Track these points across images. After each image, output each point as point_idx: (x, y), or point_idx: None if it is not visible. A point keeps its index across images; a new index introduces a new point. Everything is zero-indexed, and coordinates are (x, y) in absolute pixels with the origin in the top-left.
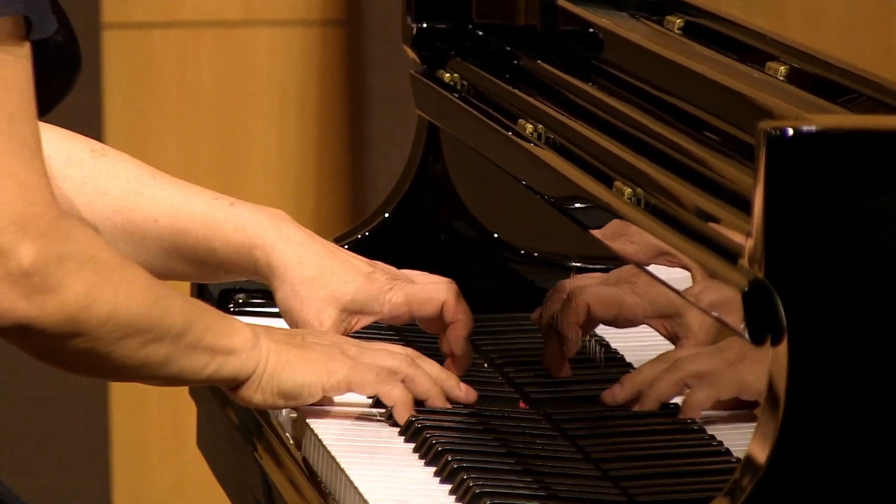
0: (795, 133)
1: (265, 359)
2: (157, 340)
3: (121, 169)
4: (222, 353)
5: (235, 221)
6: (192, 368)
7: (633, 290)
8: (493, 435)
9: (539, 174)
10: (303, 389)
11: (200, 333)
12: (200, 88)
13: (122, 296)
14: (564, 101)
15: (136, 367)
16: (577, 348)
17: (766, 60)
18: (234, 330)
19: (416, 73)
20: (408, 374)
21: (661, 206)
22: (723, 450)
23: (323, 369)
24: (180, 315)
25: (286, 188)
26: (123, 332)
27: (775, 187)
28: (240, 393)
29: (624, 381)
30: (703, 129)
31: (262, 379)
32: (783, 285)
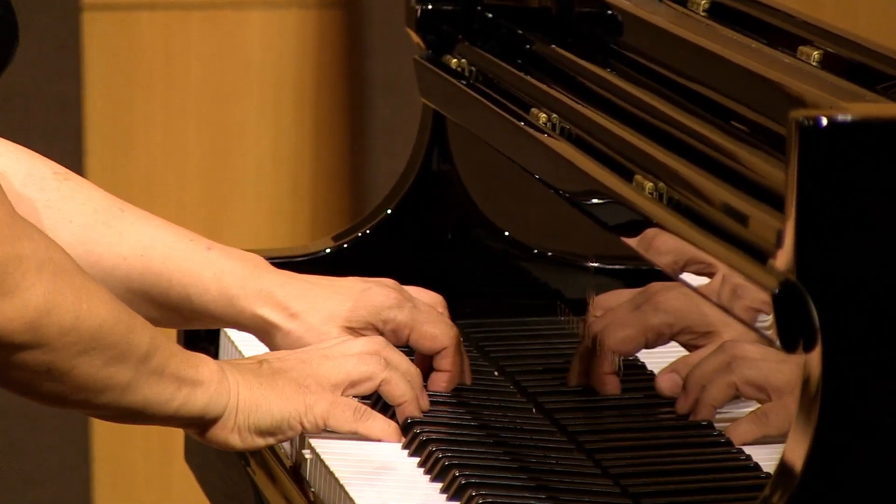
0: (830, 123)
1: (235, 393)
2: (120, 360)
3: (86, 196)
4: (189, 383)
5: (214, 269)
6: (157, 399)
7: (657, 309)
8: (504, 448)
9: (553, 167)
10: (281, 424)
11: (165, 359)
12: (188, 76)
13: (84, 304)
14: (580, 88)
15: (97, 389)
16: (618, 390)
17: (798, 44)
18: (198, 361)
19: (421, 59)
20: (384, 378)
21: (685, 201)
22: (751, 464)
23: (300, 403)
24: (145, 335)
25: (281, 184)
26: (86, 346)
27: (808, 181)
28: (212, 434)
29: (688, 389)
30: (729, 119)
31: (237, 417)
32: (816, 287)
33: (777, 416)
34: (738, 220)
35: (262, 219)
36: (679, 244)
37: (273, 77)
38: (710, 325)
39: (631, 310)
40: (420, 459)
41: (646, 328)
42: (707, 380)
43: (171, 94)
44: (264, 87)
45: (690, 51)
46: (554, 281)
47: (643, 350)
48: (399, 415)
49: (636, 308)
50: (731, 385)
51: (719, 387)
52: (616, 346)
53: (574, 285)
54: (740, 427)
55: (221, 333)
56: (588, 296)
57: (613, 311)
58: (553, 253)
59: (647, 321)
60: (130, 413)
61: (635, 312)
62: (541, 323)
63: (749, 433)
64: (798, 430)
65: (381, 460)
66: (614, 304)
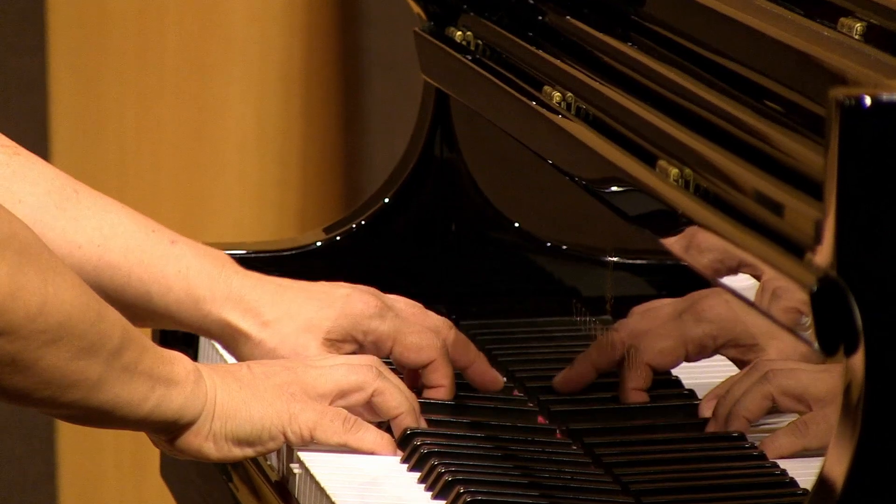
0: (874, 102)
1: (213, 397)
2: (90, 353)
3: (38, 174)
4: (163, 383)
5: (179, 265)
6: (128, 398)
7: (699, 318)
8: (514, 462)
9: (568, 152)
10: (262, 434)
11: (138, 354)
12: (164, 51)
13: (51, 287)
14: (598, 64)
15: (65, 384)
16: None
17: (838, 16)
18: (173, 358)
19: (422, 32)
20: (376, 388)
21: (713, 189)
22: (786, 480)
23: (283, 411)
24: (116, 327)
25: (267, 169)
26: (54, 335)
27: (850, 166)
28: (185, 441)
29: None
30: (763, 98)
31: (213, 423)
32: (859, 283)
33: (817, 427)
34: (771, 210)
35: (245, 208)
36: (706, 237)
37: (258, 52)
38: (757, 338)
39: (670, 319)
40: (420, 475)
41: (686, 340)
42: (742, 391)
43: (145, 70)
44: (248, 62)
45: (719, 22)
46: (569, 277)
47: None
48: (395, 428)
49: (676, 317)
50: (767, 396)
51: (754, 397)
52: (653, 359)
53: (591, 282)
54: (777, 440)
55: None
56: (606, 294)
57: (651, 319)
58: (568, 246)
59: (688, 332)
60: (98, 414)
61: (675, 322)
62: (554, 323)
63: (787, 446)
64: (838, 443)
65: (377, 475)
66: (653, 311)
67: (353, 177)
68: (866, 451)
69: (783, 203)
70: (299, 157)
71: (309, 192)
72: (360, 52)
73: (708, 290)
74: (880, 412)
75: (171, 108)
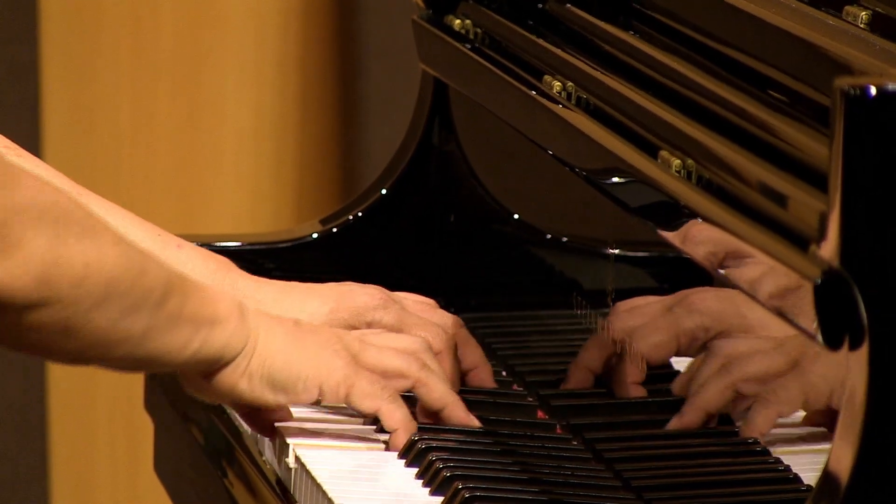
0: (879, 92)
1: (255, 336)
2: (136, 309)
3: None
4: (207, 323)
5: (184, 269)
6: (173, 344)
7: (691, 310)
8: (513, 458)
9: (569, 142)
10: (297, 383)
11: (181, 301)
12: (159, 39)
13: (93, 250)
14: (599, 53)
15: (114, 342)
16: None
17: (843, 4)
18: (216, 297)
19: (420, 20)
20: (419, 379)
21: (716, 180)
22: (790, 476)
23: (323, 364)
24: (159, 277)
25: (263, 160)
26: (100, 297)
27: (855, 157)
28: (221, 378)
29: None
30: (766, 88)
31: (251, 362)
32: (864, 276)
33: (786, 392)
34: (775, 202)
35: (241, 199)
36: (709, 228)
37: (253, 40)
38: (750, 330)
39: (662, 312)
40: (419, 470)
41: (678, 332)
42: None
43: (139, 59)
44: (244, 52)
45: (723, 10)
46: (570, 269)
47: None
48: (444, 422)
49: (668, 311)
50: (729, 386)
51: (716, 390)
52: (647, 352)
53: (592, 274)
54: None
55: None
56: (608, 286)
57: (642, 314)
58: (569, 238)
59: (680, 324)
60: (145, 363)
61: (666, 316)
62: (555, 317)
63: (762, 422)
64: (842, 439)
65: (374, 471)
66: (643, 306)
67: (350, 167)
68: (870, 446)
69: (787, 195)
70: (296, 147)
71: (305, 183)
72: (357, 41)
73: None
74: (884, 406)
75: (166, 97)
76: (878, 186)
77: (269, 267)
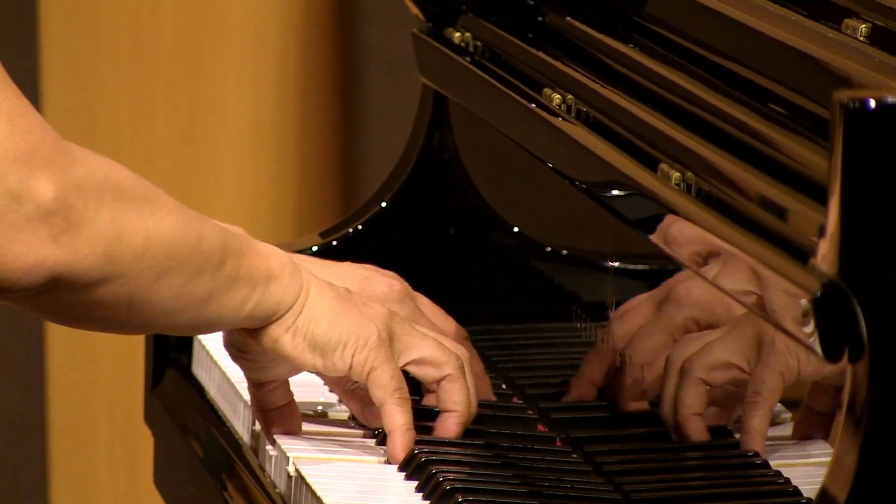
0: (878, 105)
1: (306, 291)
2: (197, 275)
3: None
4: (263, 281)
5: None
6: (232, 305)
7: (679, 303)
8: (513, 471)
9: (569, 155)
10: (336, 346)
11: (237, 261)
12: (159, 47)
13: (151, 221)
14: (599, 65)
15: (178, 309)
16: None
17: (842, 17)
18: (268, 253)
19: (420, 32)
20: (451, 375)
21: (716, 193)
22: (790, 489)
23: (363, 335)
24: (216, 240)
25: (262, 171)
26: (163, 268)
27: (854, 170)
28: (268, 331)
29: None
30: (766, 101)
31: (298, 318)
32: (863, 289)
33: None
34: (775, 214)
35: (240, 210)
36: (709, 241)
37: (254, 49)
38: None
39: (651, 314)
40: (419, 482)
41: (671, 329)
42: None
43: (139, 68)
44: (244, 62)
45: (722, 23)
46: (569, 282)
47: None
48: (439, 424)
49: (656, 310)
50: (697, 383)
51: (689, 393)
52: (646, 359)
53: (592, 287)
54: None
55: (195, 341)
56: (607, 299)
57: (634, 319)
58: (568, 251)
59: (671, 321)
60: (206, 325)
61: (656, 316)
62: (554, 329)
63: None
64: (842, 451)
65: (375, 483)
66: (634, 308)
67: (350, 179)
68: (870, 458)
69: (786, 207)
70: (295, 158)
71: (305, 195)
72: (357, 52)
73: (682, 275)
74: (884, 419)
75: (166, 108)
76: (878, 199)
77: None
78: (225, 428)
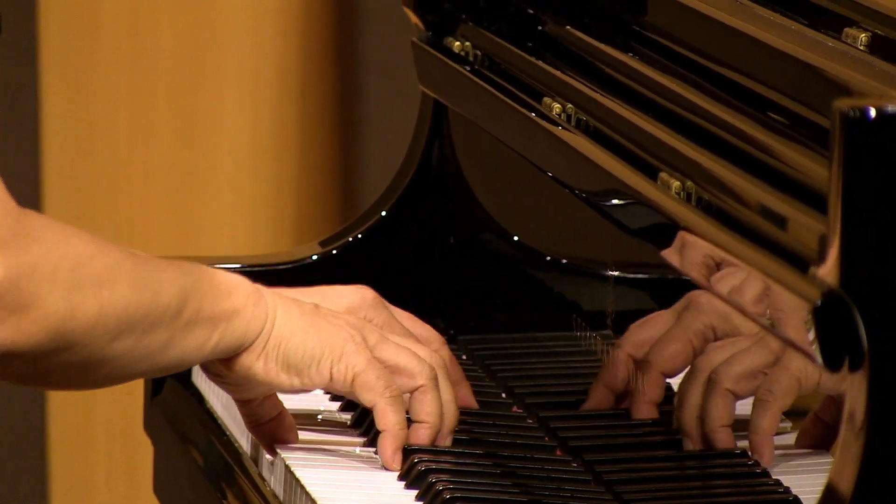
0: (879, 114)
1: (272, 318)
2: (153, 328)
3: None
4: (224, 318)
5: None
6: (192, 346)
7: (699, 310)
8: (513, 480)
9: (568, 164)
10: (311, 364)
11: (198, 304)
12: (158, 55)
13: (106, 291)
14: (599, 74)
15: (135, 361)
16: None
17: (843, 26)
18: (232, 287)
19: (420, 41)
20: (424, 386)
21: (716, 202)
22: (790, 498)
23: (337, 347)
24: (174, 289)
25: (261, 180)
26: (116, 331)
27: (854, 179)
28: (239, 361)
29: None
30: (766, 110)
31: (268, 344)
32: (864, 298)
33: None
34: (775, 223)
35: (240, 220)
36: (709, 250)
37: (254, 58)
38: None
39: (671, 323)
40: (419, 492)
41: (690, 336)
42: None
43: (137, 76)
44: (243, 71)
45: (722, 32)
46: (569, 291)
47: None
48: (410, 436)
49: (676, 319)
50: (725, 395)
51: (717, 404)
52: (664, 365)
53: (592, 296)
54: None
55: None
56: (607, 308)
57: (655, 327)
58: (568, 260)
59: (689, 328)
60: (168, 369)
61: (677, 324)
62: (554, 338)
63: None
64: (843, 459)
65: (374, 493)
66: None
67: (349, 188)
68: (871, 467)
69: (786, 216)
70: (295, 167)
71: (304, 204)
72: (356, 60)
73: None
74: (884, 427)
75: (164, 116)
76: (878, 208)
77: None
78: (225, 437)
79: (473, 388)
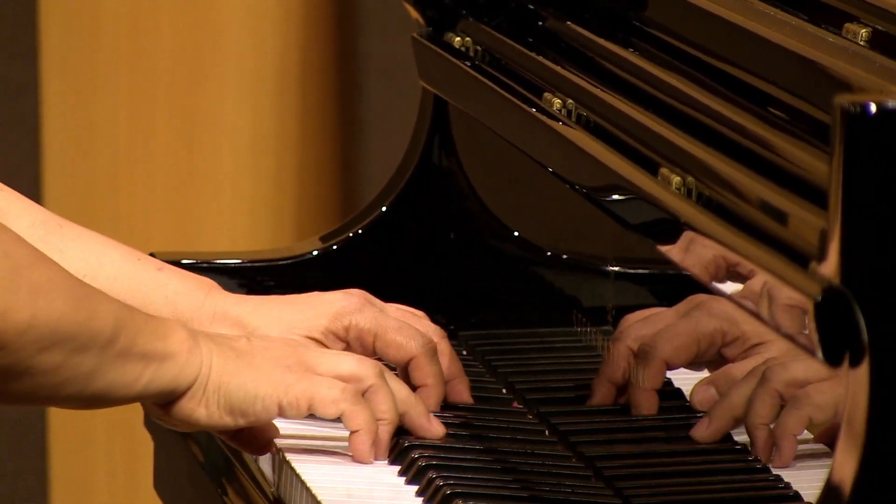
0: (879, 109)
1: (208, 363)
2: (83, 350)
3: (21, 209)
4: (157, 358)
5: (166, 291)
6: (122, 381)
7: (710, 314)
8: (514, 475)
9: (569, 159)
10: (256, 403)
11: (132, 338)
12: (158, 54)
13: (42, 299)
14: (599, 70)
15: (60, 382)
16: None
17: (843, 21)
18: (168, 331)
19: (420, 37)
20: (373, 385)
21: (716, 197)
22: (791, 493)
23: (279, 381)
24: (109, 317)
25: (262, 177)
26: (46, 343)
27: (855, 174)
28: (178, 407)
29: (713, 415)
30: (767, 105)
31: (207, 389)
32: (864, 293)
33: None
34: (775, 219)
35: (240, 216)
36: (709, 245)
37: (254, 56)
38: (763, 338)
39: (678, 318)
40: (419, 487)
41: (699, 336)
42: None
43: (138, 75)
44: (243, 68)
45: (723, 28)
46: (570, 287)
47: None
48: (407, 426)
49: (685, 316)
50: (773, 395)
51: (763, 403)
52: (670, 356)
53: (592, 292)
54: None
55: None
56: (608, 303)
57: (659, 321)
58: (568, 255)
59: (699, 328)
60: (94, 399)
61: (686, 319)
62: (555, 334)
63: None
64: (844, 455)
65: (374, 488)
66: (657, 314)
67: (350, 184)
68: (872, 463)
69: (787, 212)
70: (295, 163)
71: (305, 200)
72: (357, 56)
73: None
74: (885, 423)
75: (165, 114)
76: (879, 203)
77: (269, 284)
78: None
79: (474, 384)
